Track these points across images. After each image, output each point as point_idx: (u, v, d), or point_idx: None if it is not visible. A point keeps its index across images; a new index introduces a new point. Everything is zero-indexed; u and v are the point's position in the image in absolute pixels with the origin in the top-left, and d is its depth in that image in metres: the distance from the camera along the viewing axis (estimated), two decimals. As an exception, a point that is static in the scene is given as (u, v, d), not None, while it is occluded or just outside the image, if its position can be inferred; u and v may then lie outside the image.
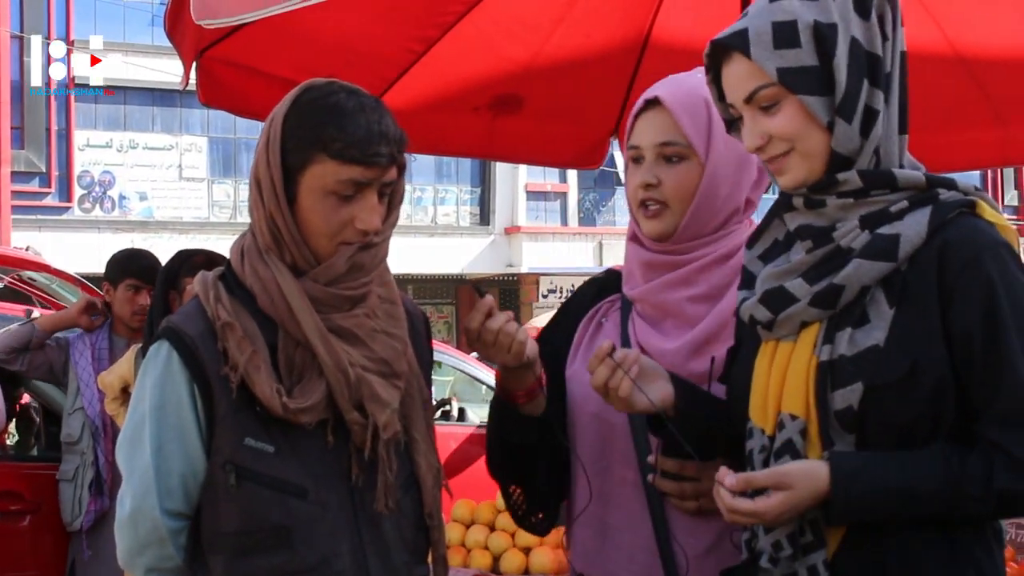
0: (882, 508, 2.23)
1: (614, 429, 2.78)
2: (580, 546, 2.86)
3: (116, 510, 2.67)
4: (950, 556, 2.28)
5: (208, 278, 2.65)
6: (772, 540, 2.35)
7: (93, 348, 6.04)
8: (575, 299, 3.03)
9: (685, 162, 2.71)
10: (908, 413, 2.24)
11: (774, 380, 2.38)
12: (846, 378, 2.26)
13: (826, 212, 2.35)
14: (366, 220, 2.55)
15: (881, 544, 2.29)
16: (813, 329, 2.35)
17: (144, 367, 2.63)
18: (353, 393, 2.57)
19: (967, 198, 2.30)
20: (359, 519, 2.61)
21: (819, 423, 2.30)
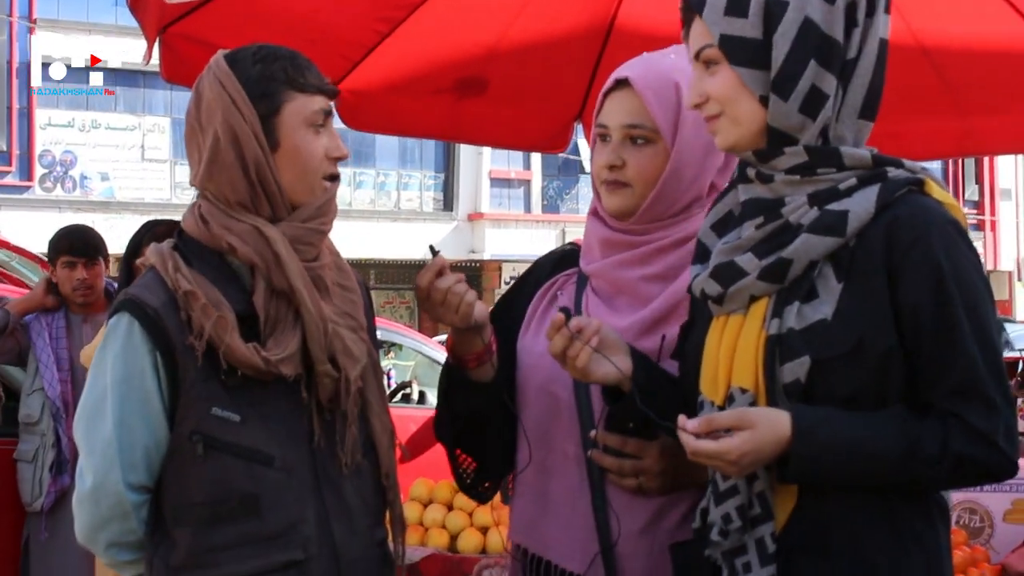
0: (839, 463, 2.26)
1: (559, 403, 2.79)
2: (518, 517, 2.88)
3: (75, 485, 2.66)
4: (892, 530, 2.32)
5: (163, 249, 2.65)
6: (722, 513, 2.37)
7: (50, 328, 6.09)
8: (534, 270, 3.04)
9: (651, 146, 2.72)
10: (854, 385, 2.28)
11: (724, 354, 2.41)
12: (794, 352, 2.29)
13: (775, 187, 2.38)
14: (337, 147, 2.67)
15: (826, 518, 2.32)
16: (762, 303, 2.37)
17: (104, 340, 2.63)
18: (328, 344, 2.59)
19: (915, 176, 2.34)
20: (321, 484, 2.64)
21: (767, 396, 2.33)
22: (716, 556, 2.42)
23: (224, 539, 2.57)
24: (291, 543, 2.58)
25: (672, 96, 2.71)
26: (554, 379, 2.78)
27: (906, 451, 2.24)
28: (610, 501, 2.73)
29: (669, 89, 2.71)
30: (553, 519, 2.80)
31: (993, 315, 2.31)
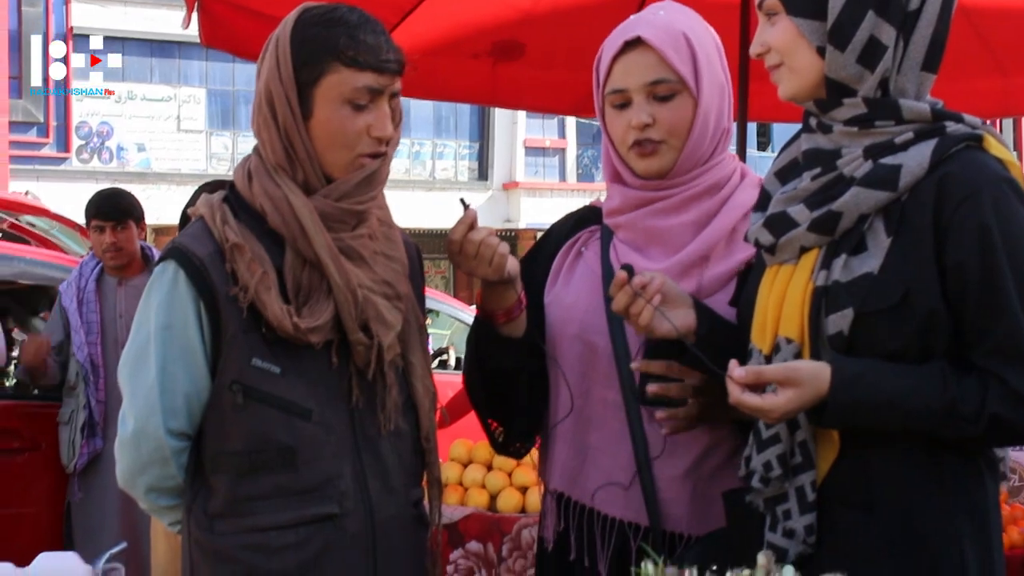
0: (874, 417, 2.27)
1: (596, 350, 2.80)
2: (559, 466, 2.88)
3: (118, 430, 2.70)
4: (938, 483, 2.32)
5: (213, 200, 2.68)
6: (763, 460, 2.39)
7: (79, 291, 6.10)
8: (553, 231, 3.04)
9: (677, 98, 2.71)
10: (897, 341, 2.27)
11: (773, 303, 2.42)
12: (839, 304, 2.30)
13: (834, 138, 2.38)
14: (382, 127, 2.61)
15: (869, 468, 2.33)
16: (813, 254, 2.37)
17: (149, 287, 2.66)
18: (360, 314, 2.61)
19: (974, 132, 2.32)
20: (359, 441, 2.67)
21: (811, 347, 2.34)
22: (758, 503, 2.44)
23: (260, 489, 2.61)
24: (326, 497, 2.61)
25: (685, 45, 2.71)
26: (588, 328, 2.80)
27: (943, 409, 2.23)
28: (651, 447, 2.75)
29: (680, 39, 2.71)
30: (594, 467, 2.81)
31: None
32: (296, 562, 2.60)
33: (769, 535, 2.41)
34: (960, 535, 2.31)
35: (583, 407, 2.84)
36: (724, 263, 2.79)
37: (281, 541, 2.60)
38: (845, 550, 2.29)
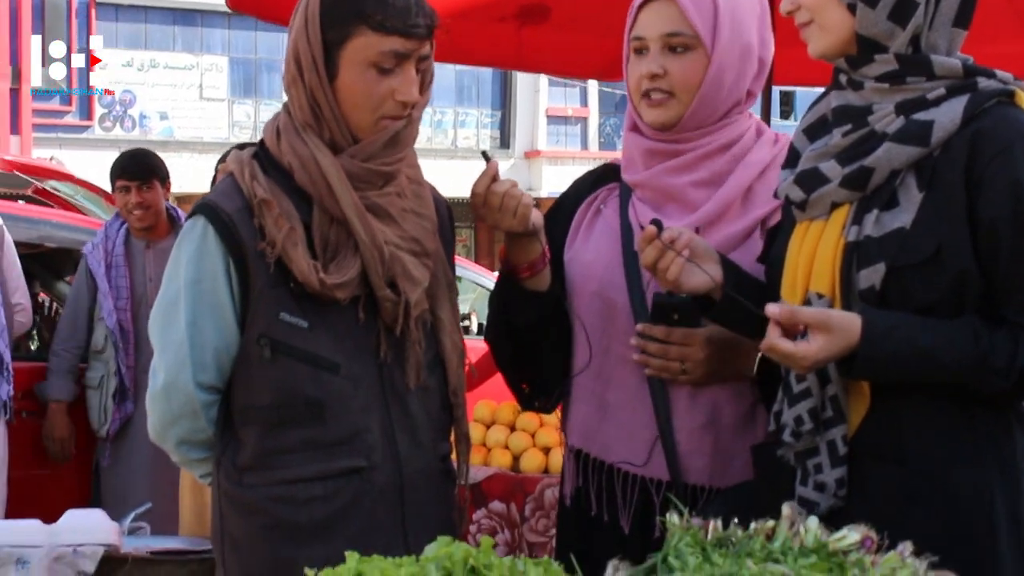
0: (904, 370, 2.28)
1: (615, 307, 2.82)
2: (579, 423, 2.91)
3: (149, 384, 2.74)
4: (969, 436, 2.33)
5: (243, 156, 2.70)
6: (794, 415, 2.41)
7: (107, 255, 6.09)
8: (572, 189, 3.06)
9: (692, 52, 2.73)
10: (930, 295, 2.28)
11: (803, 259, 2.43)
12: (870, 258, 2.31)
13: (864, 94, 2.38)
14: (406, 92, 2.61)
15: (900, 422, 2.34)
16: (844, 210, 2.38)
17: (179, 242, 2.69)
18: (386, 270, 2.63)
19: (1006, 87, 2.33)
20: (387, 396, 2.69)
21: (843, 302, 2.35)
22: (789, 457, 2.45)
23: (289, 442, 2.65)
24: (354, 450, 2.65)
25: (708, 2, 2.72)
26: (608, 284, 2.82)
27: (974, 362, 2.24)
28: (670, 401, 2.77)
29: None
30: (613, 423, 2.84)
31: None
32: (324, 515, 2.64)
33: (800, 489, 2.42)
34: (991, 489, 2.32)
35: (602, 364, 2.86)
36: (740, 221, 2.81)
37: (309, 494, 2.64)
38: (875, 503, 2.29)
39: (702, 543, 1.96)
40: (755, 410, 2.78)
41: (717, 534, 1.99)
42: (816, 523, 2.00)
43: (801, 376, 2.39)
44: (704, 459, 2.76)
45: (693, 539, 1.97)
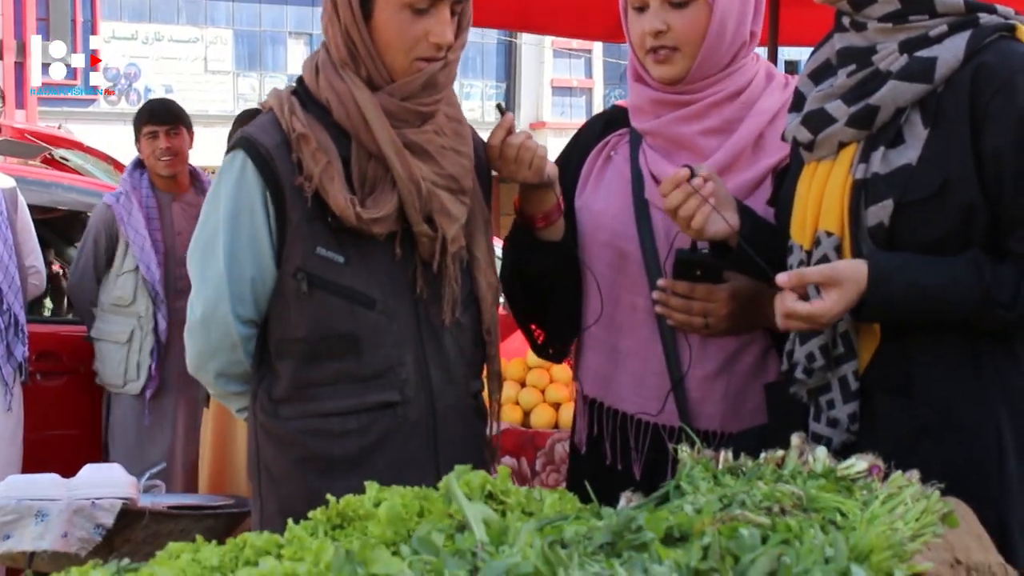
0: (913, 308, 2.31)
1: (627, 257, 2.84)
2: (591, 372, 2.94)
3: (187, 317, 2.79)
4: (976, 369, 2.36)
5: (282, 92, 2.73)
6: (806, 352, 2.44)
7: (144, 210, 6.03)
8: (582, 134, 3.08)
9: (692, 4, 2.72)
10: (937, 230, 2.31)
11: (812, 198, 2.45)
12: (878, 195, 2.34)
13: (868, 35, 2.41)
14: (440, 33, 2.63)
15: (909, 356, 2.38)
16: (851, 149, 2.41)
17: (219, 176, 2.72)
18: (424, 206, 2.66)
19: (1007, 22, 2.35)
20: (422, 331, 2.72)
21: (852, 240, 2.38)
22: (801, 394, 2.49)
23: (323, 375, 2.68)
24: (388, 385, 2.69)
25: None
26: (619, 234, 2.84)
27: (979, 297, 2.27)
28: (681, 349, 2.80)
29: None
30: (625, 372, 2.87)
31: None
32: (357, 447, 2.68)
33: (813, 425, 2.47)
34: (998, 419, 2.35)
35: (613, 313, 2.88)
36: (752, 169, 2.82)
37: (343, 427, 2.69)
38: (885, 436, 2.33)
39: (713, 471, 2.01)
40: (767, 355, 2.81)
41: (728, 464, 2.04)
42: (824, 452, 2.06)
43: None
44: (716, 406, 2.80)
45: (704, 467, 2.02)
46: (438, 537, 1.53)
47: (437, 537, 1.53)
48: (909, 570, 1.59)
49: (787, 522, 1.56)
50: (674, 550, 1.49)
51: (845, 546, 1.49)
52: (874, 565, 1.49)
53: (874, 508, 1.75)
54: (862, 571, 1.43)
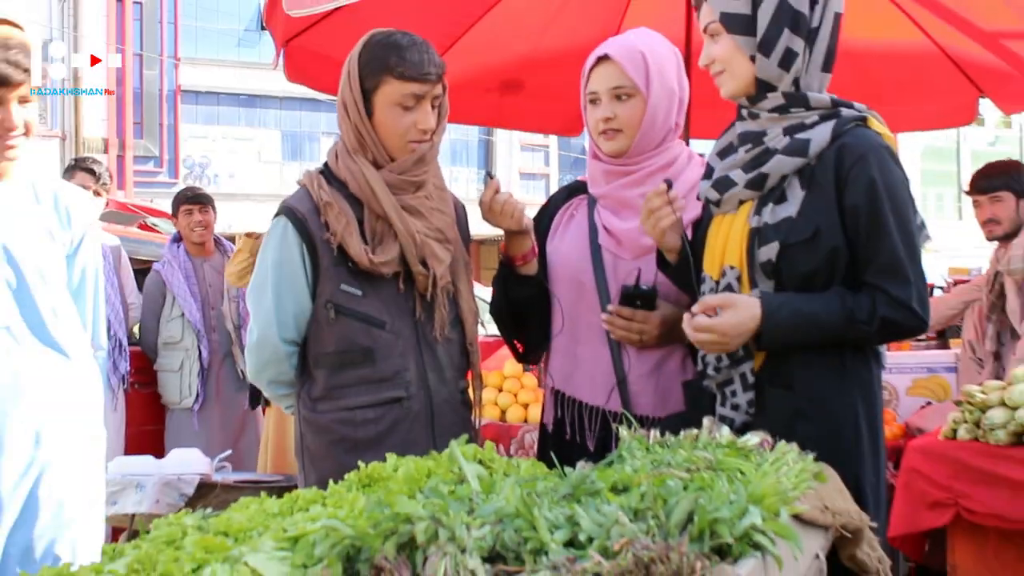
0: (797, 332, 2.34)
1: (584, 286, 2.88)
2: (557, 371, 2.96)
3: (246, 340, 2.83)
4: (839, 368, 2.40)
5: (312, 172, 2.78)
6: (715, 356, 2.48)
7: (182, 269, 6.11)
8: (552, 200, 3.11)
9: (632, 99, 2.78)
10: (811, 265, 2.36)
11: (719, 241, 2.50)
12: (767, 239, 2.38)
13: (760, 123, 2.46)
14: (424, 122, 2.69)
15: (789, 360, 2.41)
16: (747, 205, 2.46)
17: (267, 236, 2.77)
18: (418, 252, 2.70)
19: (861, 114, 2.42)
20: (421, 345, 2.75)
21: (749, 271, 2.42)
22: (711, 386, 2.52)
23: (348, 379, 2.72)
24: (396, 384, 2.72)
25: (641, 61, 2.77)
26: (579, 270, 2.88)
27: (846, 318, 2.31)
28: (623, 356, 2.84)
29: (638, 56, 2.77)
30: (582, 371, 2.89)
31: (912, 216, 2.37)
32: (375, 432, 2.70)
33: (720, 409, 2.49)
34: (855, 405, 2.40)
35: (574, 328, 2.91)
36: None
37: (363, 417, 2.71)
38: (772, 418, 2.35)
39: (646, 444, 2.02)
40: (685, 359, 2.84)
41: (657, 440, 2.06)
42: (728, 430, 2.08)
43: None
44: (649, 397, 2.82)
45: (640, 442, 2.04)
46: (443, 487, 1.55)
47: (443, 487, 1.54)
48: (791, 511, 1.61)
49: (702, 475, 1.58)
50: (619, 497, 1.50)
51: (745, 493, 1.51)
52: (766, 506, 1.50)
53: (765, 467, 1.77)
54: (757, 510, 1.45)
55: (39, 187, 2.76)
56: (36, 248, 2.68)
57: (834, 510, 1.84)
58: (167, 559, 1.43)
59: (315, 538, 1.37)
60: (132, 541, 1.62)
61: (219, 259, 6.22)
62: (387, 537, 1.29)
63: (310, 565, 1.34)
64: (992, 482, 3.36)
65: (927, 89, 5.44)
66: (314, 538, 1.37)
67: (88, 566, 1.50)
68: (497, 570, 1.25)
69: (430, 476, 1.83)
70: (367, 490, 1.87)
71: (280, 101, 27.19)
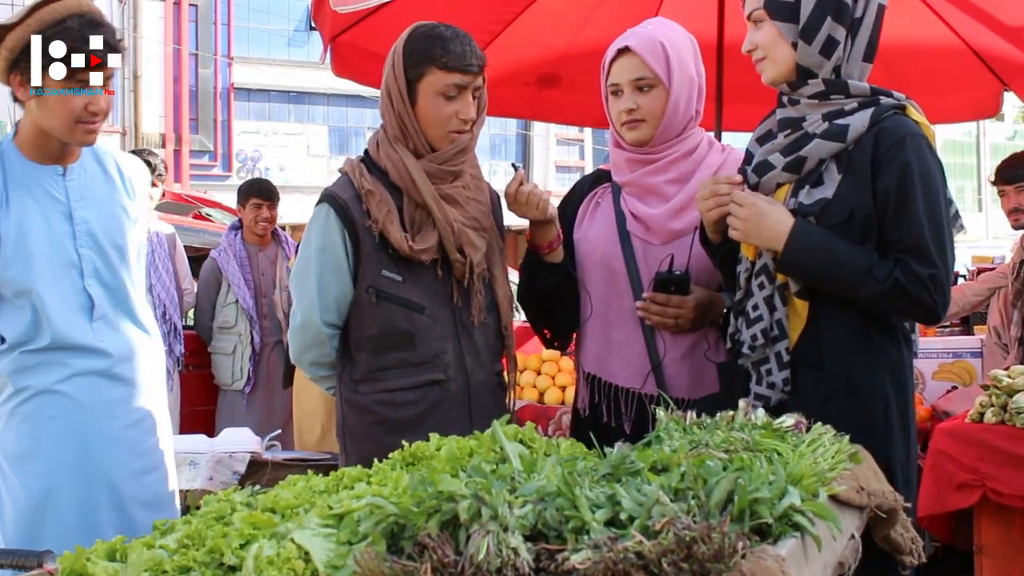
0: (818, 259, 2.30)
1: (615, 272, 2.83)
2: (590, 356, 2.90)
3: (289, 323, 2.82)
4: (868, 349, 2.35)
5: (353, 160, 2.75)
6: (751, 334, 2.43)
7: (238, 258, 6.12)
8: (577, 188, 3.06)
9: (654, 90, 2.72)
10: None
11: None
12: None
13: (800, 109, 2.41)
14: (466, 112, 2.65)
15: (821, 339, 2.36)
16: (785, 188, 2.42)
17: (310, 221, 2.72)
18: (456, 240, 2.67)
19: (900, 103, 2.37)
20: (458, 329, 2.72)
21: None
22: (747, 365, 2.47)
23: (389, 362, 2.68)
24: (435, 367, 2.68)
25: (661, 52, 2.71)
26: (609, 255, 2.83)
27: (865, 269, 2.27)
28: (657, 340, 2.78)
29: (658, 47, 2.71)
30: (616, 355, 2.83)
31: (943, 204, 2.31)
32: (414, 413, 2.67)
33: (755, 388, 2.44)
34: (885, 387, 2.34)
35: (606, 313, 2.85)
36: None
37: (403, 398, 2.67)
38: (806, 398, 2.31)
39: (683, 425, 1.97)
40: (718, 341, 2.78)
41: (694, 421, 2.01)
42: (763, 412, 2.02)
43: (755, 305, 2.42)
44: (684, 379, 2.76)
45: (676, 423, 1.99)
46: (486, 467, 1.50)
47: (485, 466, 1.50)
48: (829, 491, 1.56)
49: (741, 456, 1.53)
50: (659, 477, 1.45)
51: (783, 473, 1.46)
52: (804, 487, 1.45)
53: (802, 449, 1.72)
54: (796, 491, 1.40)
55: (104, 159, 2.78)
56: (115, 228, 2.74)
57: (869, 491, 1.79)
58: (216, 534, 1.40)
59: (360, 515, 1.33)
60: (184, 516, 1.60)
61: (274, 249, 6.24)
62: (431, 515, 1.25)
63: (355, 542, 1.31)
64: (1019, 464, 3.29)
65: (952, 82, 5.34)
66: (359, 515, 1.33)
67: (140, 539, 1.48)
68: (539, 548, 1.20)
69: (472, 455, 1.79)
70: (410, 469, 1.84)
71: (327, 98, 27.27)
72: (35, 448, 2.64)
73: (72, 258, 2.66)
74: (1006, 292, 4.80)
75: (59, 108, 2.56)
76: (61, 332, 2.63)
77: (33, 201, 2.64)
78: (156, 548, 1.42)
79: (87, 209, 2.70)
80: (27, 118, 2.64)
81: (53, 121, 2.59)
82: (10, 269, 2.60)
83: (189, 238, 6.79)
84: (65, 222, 2.67)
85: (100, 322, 2.68)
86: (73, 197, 2.69)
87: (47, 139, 2.65)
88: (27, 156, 2.67)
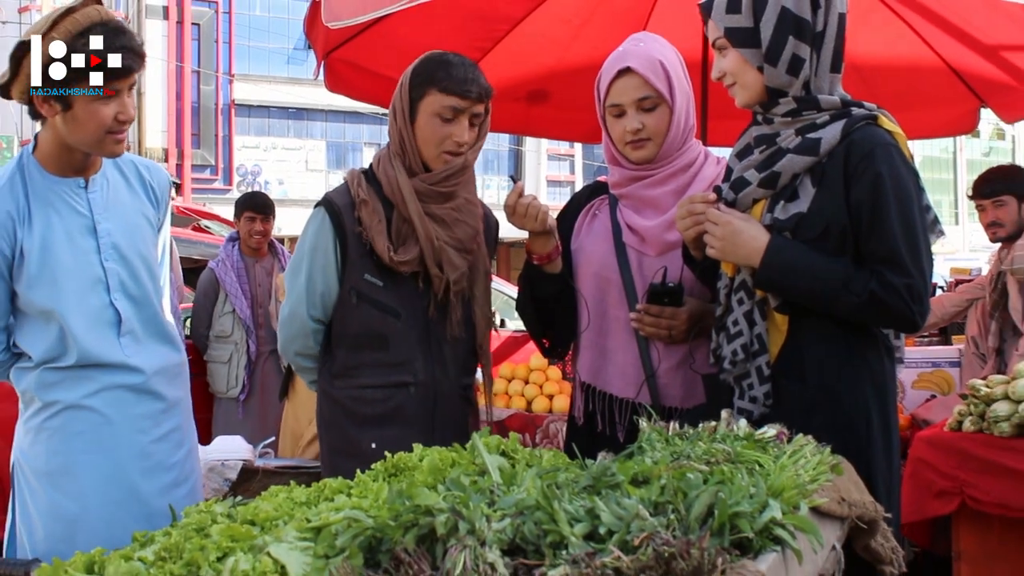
0: (794, 274, 2.26)
1: (610, 282, 2.79)
2: (586, 366, 2.85)
3: (279, 315, 2.91)
4: (850, 361, 2.30)
5: (356, 171, 2.83)
6: (731, 349, 2.38)
7: (236, 269, 6.07)
8: (574, 200, 3.01)
9: (659, 108, 2.67)
10: None
11: None
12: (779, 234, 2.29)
13: (774, 126, 2.36)
14: (460, 135, 2.68)
15: (803, 353, 2.32)
16: (761, 203, 2.37)
17: (308, 221, 2.81)
18: (435, 257, 2.72)
19: (871, 112, 2.32)
20: (431, 340, 2.78)
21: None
22: (729, 380, 2.42)
23: (364, 360, 2.75)
24: (405, 370, 2.75)
25: (661, 70, 2.66)
26: (605, 266, 2.79)
27: (841, 281, 2.22)
28: (651, 350, 2.74)
29: (658, 65, 2.66)
30: (611, 364, 2.79)
31: (916, 212, 2.26)
32: (382, 411, 2.75)
33: (738, 402, 2.39)
34: (866, 398, 2.29)
35: (601, 323, 2.81)
36: None
37: (372, 396, 2.75)
38: (788, 410, 2.26)
39: (665, 436, 1.93)
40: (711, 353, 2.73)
41: (676, 432, 1.96)
42: (745, 423, 1.98)
43: (735, 320, 2.37)
44: (677, 389, 2.72)
45: (659, 434, 1.94)
46: (465, 479, 1.45)
47: (465, 479, 1.45)
48: (810, 504, 1.51)
49: (722, 468, 1.48)
50: (639, 489, 1.40)
51: (764, 486, 1.41)
52: (785, 500, 1.40)
53: (783, 460, 1.67)
54: (777, 503, 1.35)
55: (124, 167, 2.72)
56: (140, 238, 2.70)
57: (850, 502, 1.74)
58: (193, 547, 1.35)
59: (337, 529, 1.28)
60: (164, 528, 1.54)
61: (271, 261, 6.20)
62: (407, 529, 1.20)
63: (332, 555, 1.26)
64: (997, 472, 3.25)
65: (931, 99, 5.31)
66: (336, 529, 1.28)
67: (119, 551, 1.43)
68: (517, 563, 1.15)
69: (455, 466, 1.74)
70: (393, 480, 1.78)
71: (326, 114, 27.29)
72: (66, 465, 2.56)
73: (98, 273, 2.57)
74: (984, 303, 4.77)
75: (89, 120, 2.44)
76: (88, 350, 2.54)
77: (56, 216, 2.54)
78: (134, 560, 1.37)
79: (111, 221, 2.61)
80: (48, 132, 2.53)
81: (82, 135, 2.47)
82: (35, 290, 2.51)
83: (188, 250, 6.76)
84: (89, 237, 2.57)
85: (127, 337, 2.60)
86: (96, 210, 2.60)
87: (70, 152, 2.54)
88: (48, 170, 2.56)
